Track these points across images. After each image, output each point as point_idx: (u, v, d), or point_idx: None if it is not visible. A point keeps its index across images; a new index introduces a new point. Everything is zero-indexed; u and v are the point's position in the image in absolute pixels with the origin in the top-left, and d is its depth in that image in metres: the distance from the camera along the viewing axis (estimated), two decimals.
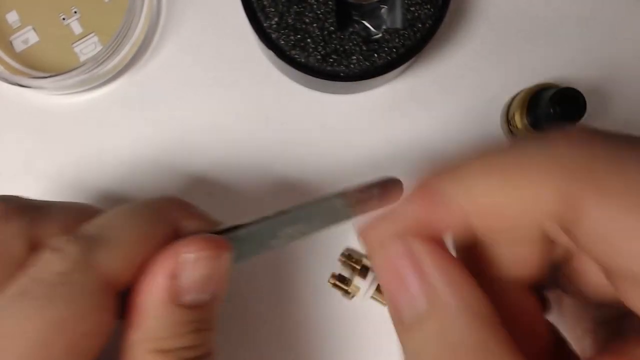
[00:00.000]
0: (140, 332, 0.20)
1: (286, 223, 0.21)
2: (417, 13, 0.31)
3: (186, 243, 0.21)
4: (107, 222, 0.21)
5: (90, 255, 0.19)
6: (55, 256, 0.19)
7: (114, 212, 0.21)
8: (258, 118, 0.35)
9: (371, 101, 0.35)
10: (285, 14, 0.31)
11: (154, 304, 0.20)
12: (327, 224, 0.21)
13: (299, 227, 0.21)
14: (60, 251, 0.19)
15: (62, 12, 0.35)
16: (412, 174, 0.36)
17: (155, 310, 0.20)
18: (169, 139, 0.35)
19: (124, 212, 0.21)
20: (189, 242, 0.21)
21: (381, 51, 0.32)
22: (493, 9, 0.35)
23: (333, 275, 0.34)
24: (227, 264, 0.21)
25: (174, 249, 0.20)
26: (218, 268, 0.21)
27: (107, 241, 0.20)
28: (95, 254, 0.19)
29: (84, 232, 0.20)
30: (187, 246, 0.20)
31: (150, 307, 0.20)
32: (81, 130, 0.35)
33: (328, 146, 0.35)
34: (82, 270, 0.19)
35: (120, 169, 0.35)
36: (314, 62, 0.32)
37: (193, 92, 0.35)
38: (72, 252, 0.19)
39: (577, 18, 0.35)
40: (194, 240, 0.21)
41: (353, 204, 0.21)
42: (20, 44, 0.35)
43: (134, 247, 0.20)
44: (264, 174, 0.35)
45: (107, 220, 0.21)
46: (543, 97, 0.31)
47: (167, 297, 0.20)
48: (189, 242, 0.21)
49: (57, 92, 0.34)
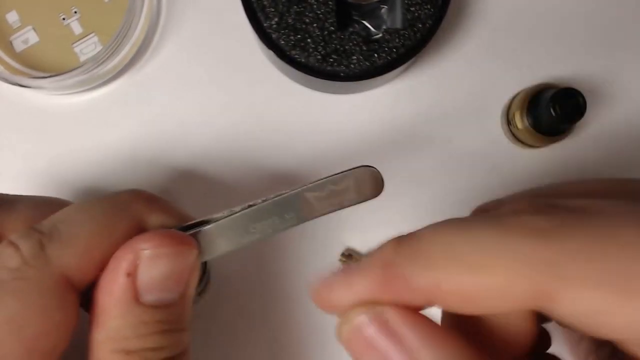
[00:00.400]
0: (103, 332, 0.19)
1: (256, 218, 0.20)
2: (417, 13, 0.31)
3: (144, 238, 0.20)
4: (64, 216, 0.20)
5: (44, 251, 0.19)
6: (9, 251, 0.19)
7: (74, 206, 0.21)
8: (258, 118, 0.35)
9: (371, 101, 0.35)
10: (285, 14, 0.31)
11: (115, 303, 0.19)
12: (302, 219, 0.20)
13: (272, 221, 0.20)
14: (13, 246, 0.19)
15: (62, 12, 0.35)
16: (412, 174, 0.36)
17: (116, 309, 0.19)
18: (169, 139, 0.35)
19: (82, 206, 0.20)
20: (147, 238, 0.20)
21: (381, 51, 0.32)
22: (493, 9, 0.35)
23: None
24: (192, 262, 0.20)
25: (131, 244, 0.20)
26: (181, 266, 0.20)
27: (62, 235, 0.19)
28: (50, 249, 0.19)
29: (39, 227, 0.19)
30: (145, 242, 0.20)
31: (111, 305, 0.19)
32: (81, 130, 0.35)
33: (328, 146, 0.35)
34: (36, 266, 0.18)
35: (120, 169, 0.35)
36: (314, 62, 0.32)
37: (193, 92, 0.35)
38: (25, 247, 0.19)
39: (577, 18, 0.35)
40: (152, 236, 0.20)
41: (328, 197, 0.20)
42: (20, 44, 0.35)
43: (91, 242, 0.19)
44: (264, 173, 0.35)
45: (64, 214, 0.20)
46: (543, 97, 0.31)
47: (127, 296, 0.19)
48: (147, 237, 0.20)
49: (57, 92, 0.34)
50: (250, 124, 0.35)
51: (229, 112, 0.35)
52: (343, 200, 0.20)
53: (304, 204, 0.20)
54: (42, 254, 0.19)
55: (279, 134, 0.35)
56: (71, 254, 0.19)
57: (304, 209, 0.20)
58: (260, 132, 0.35)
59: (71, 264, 0.19)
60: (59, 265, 0.19)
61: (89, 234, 0.19)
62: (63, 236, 0.19)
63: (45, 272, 0.18)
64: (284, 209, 0.20)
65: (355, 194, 0.20)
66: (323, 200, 0.20)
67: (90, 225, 0.20)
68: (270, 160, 0.35)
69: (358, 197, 0.20)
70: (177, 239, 0.20)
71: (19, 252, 0.18)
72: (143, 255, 0.19)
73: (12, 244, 0.19)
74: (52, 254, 0.19)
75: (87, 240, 0.19)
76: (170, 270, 0.20)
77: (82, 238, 0.19)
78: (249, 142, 0.35)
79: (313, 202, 0.20)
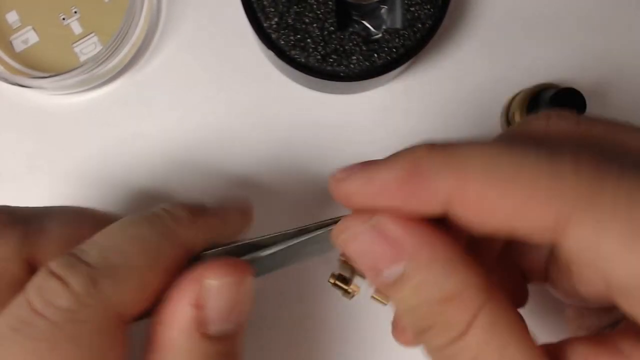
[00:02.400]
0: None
1: (309, 243, 0.21)
2: (417, 13, 0.31)
3: (209, 267, 0.19)
4: (111, 243, 0.19)
5: (97, 288, 0.17)
6: (59, 288, 0.17)
7: (117, 231, 0.19)
8: (258, 118, 0.35)
9: (371, 101, 0.35)
10: (285, 14, 0.31)
11: (179, 336, 0.18)
12: (327, 251, 0.21)
13: (319, 245, 0.21)
14: (62, 282, 0.17)
15: (62, 12, 0.35)
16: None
17: (181, 342, 0.18)
18: (169, 139, 0.35)
19: (126, 232, 0.19)
20: (213, 267, 0.19)
21: (381, 51, 0.32)
22: (493, 9, 0.35)
23: (333, 275, 0.33)
24: (250, 289, 0.20)
25: (197, 275, 0.19)
26: (243, 294, 0.19)
27: (115, 270, 0.18)
28: (104, 285, 0.17)
29: (85, 256, 0.18)
30: (211, 271, 0.19)
31: (174, 339, 0.18)
32: (81, 130, 0.35)
33: (328, 146, 0.35)
34: (90, 306, 0.17)
35: (120, 169, 0.35)
36: (314, 62, 0.32)
37: (193, 92, 0.35)
38: (78, 284, 0.17)
39: (577, 18, 0.35)
40: (218, 265, 0.19)
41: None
42: (20, 44, 0.35)
43: (145, 275, 0.18)
44: (264, 173, 0.35)
45: (111, 241, 0.19)
46: (543, 97, 0.31)
47: (193, 328, 0.18)
48: (212, 267, 0.19)
49: (57, 92, 0.34)
50: (250, 124, 0.35)
51: (228, 112, 0.35)
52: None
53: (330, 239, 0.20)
54: (96, 293, 0.17)
55: (279, 134, 0.35)
56: (127, 290, 0.18)
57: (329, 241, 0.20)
58: (260, 132, 0.35)
59: (126, 300, 0.18)
60: (113, 303, 0.17)
61: (144, 268, 0.18)
62: (117, 271, 0.18)
63: (101, 312, 0.17)
64: (311, 244, 0.21)
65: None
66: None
67: (144, 258, 0.18)
68: (269, 159, 0.35)
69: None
70: (240, 267, 0.20)
71: (70, 289, 0.17)
72: (209, 285, 0.19)
73: (57, 277, 0.17)
74: (107, 291, 0.17)
75: (142, 275, 0.18)
76: (235, 299, 0.19)
77: (137, 273, 0.18)
78: (249, 142, 0.35)
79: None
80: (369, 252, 0.17)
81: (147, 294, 0.18)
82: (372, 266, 0.17)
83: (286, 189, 0.34)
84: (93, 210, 0.23)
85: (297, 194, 0.34)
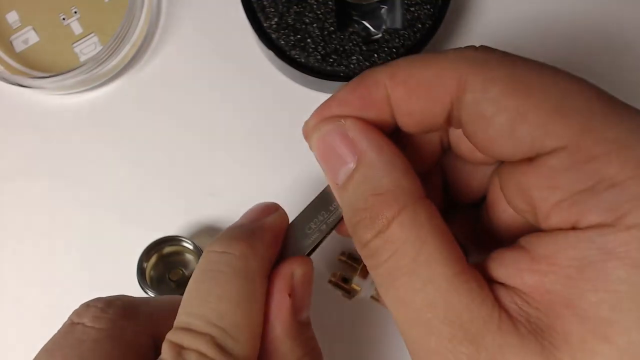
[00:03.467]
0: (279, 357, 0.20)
1: (307, 218, 0.22)
2: (417, 13, 0.31)
3: (292, 261, 0.21)
4: (222, 309, 0.20)
5: (226, 351, 0.19)
6: (195, 357, 0.19)
7: (221, 295, 0.20)
8: (258, 118, 0.35)
9: None
10: (285, 14, 0.31)
11: (282, 328, 0.20)
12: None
13: (322, 216, 0.22)
14: (198, 353, 0.19)
15: (62, 12, 0.35)
16: None
17: (285, 333, 0.20)
18: (169, 139, 0.35)
19: (212, 294, 0.20)
20: (294, 260, 0.21)
21: (381, 51, 0.32)
22: (493, 9, 0.35)
23: (333, 275, 0.34)
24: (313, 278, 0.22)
25: (287, 268, 0.21)
26: (312, 281, 0.22)
27: (237, 338, 0.19)
28: (228, 346, 0.19)
29: (197, 328, 0.19)
30: (294, 264, 0.21)
31: (279, 333, 0.20)
32: (81, 130, 0.35)
33: None
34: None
35: (120, 169, 0.35)
36: (313, 62, 0.32)
37: (193, 92, 0.35)
38: (209, 351, 0.19)
39: (577, 18, 0.35)
40: (294, 258, 0.21)
41: None
42: (20, 44, 0.35)
43: (257, 329, 0.20)
44: (264, 173, 0.35)
45: (217, 305, 0.20)
46: None
47: (292, 317, 0.20)
48: (293, 260, 0.21)
49: (57, 92, 0.34)
50: (250, 124, 0.35)
51: (228, 112, 0.35)
52: None
53: None
54: (226, 355, 0.19)
55: (278, 134, 0.35)
56: (244, 342, 0.19)
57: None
58: (260, 132, 0.35)
59: (248, 351, 0.20)
60: (243, 357, 0.19)
61: (246, 317, 0.20)
62: (237, 338, 0.19)
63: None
64: (326, 202, 0.22)
65: None
66: None
67: (253, 314, 0.20)
68: (269, 159, 0.35)
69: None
70: (305, 259, 0.22)
71: (206, 357, 0.19)
72: (297, 274, 0.21)
73: (201, 354, 0.19)
74: (234, 350, 0.19)
75: (254, 330, 0.20)
76: (310, 286, 0.22)
77: (243, 323, 0.20)
78: (248, 142, 0.35)
79: None
80: (331, 151, 0.19)
81: (257, 333, 0.20)
82: (331, 166, 0.19)
83: (286, 187, 0.34)
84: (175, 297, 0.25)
85: (297, 192, 0.35)
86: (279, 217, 0.22)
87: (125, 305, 0.22)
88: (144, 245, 0.32)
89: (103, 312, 0.21)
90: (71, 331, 0.21)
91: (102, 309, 0.21)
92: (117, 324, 0.21)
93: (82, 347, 0.20)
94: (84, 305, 0.22)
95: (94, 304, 0.22)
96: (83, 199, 0.34)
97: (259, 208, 0.23)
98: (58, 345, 0.21)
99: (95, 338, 0.20)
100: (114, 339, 0.21)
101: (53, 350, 0.20)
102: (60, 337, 0.21)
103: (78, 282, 0.34)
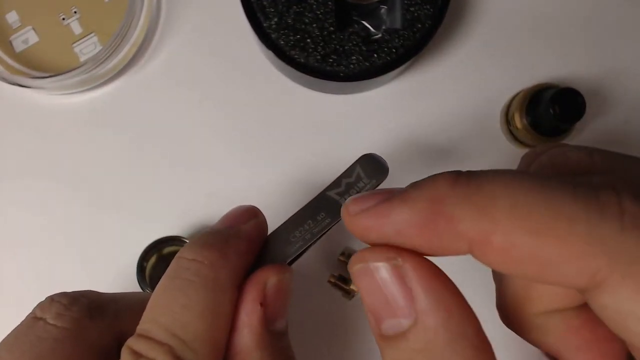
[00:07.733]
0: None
1: (292, 226, 0.22)
2: (417, 13, 0.31)
3: (266, 270, 0.20)
4: (167, 320, 0.19)
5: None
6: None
7: (186, 305, 0.19)
8: (257, 117, 0.35)
9: (371, 101, 0.35)
10: (284, 14, 0.31)
11: (252, 338, 0.19)
12: (333, 216, 0.22)
13: (308, 226, 0.22)
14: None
15: (62, 12, 0.35)
16: (412, 174, 0.36)
17: (255, 343, 0.19)
18: (169, 139, 0.35)
19: (177, 303, 0.19)
20: (269, 269, 0.20)
21: (381, 51, 0.32)
22: (492, 10, 0.35)
23: (333, 275, 0.34)
24: (291, 286, 0.21)
25: (260, 277, 0.20)
26: (289, 290, 0.21)
27: (197, 350, 0.18)
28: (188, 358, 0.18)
29: (156, 337, 0.19)
30: (268, 272, 0.20)
31: (248, 342, 0.19)
32: (81, 130, 0.35)
33: (328, 146, 0.35)
34: None
35: (120, 169, 0.35)
36: (313, 62, 0.32)
37: (192, 92, 0.35)
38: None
39: (576, 18, 0.35)
40: (270, 267, 0.20)
41: (347, 190, 0.22)
42: (20, 44, 0.35)
43: (212, 334, 0.19)
44: (264, 173, 0.35)
45: (180, 315, 0.19)
46: (543, 97, 0.31)
47: (263, 327, 0.19)
48: (268, 268, 0.20)
49: (57, 92, 0.34)
50: (249, 124, 0.35)
51: (228, 112, 0.35)
52: (360, 188, 0.22)
53: (329, 202, 0.22)
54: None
55: (278, 134, 0.35)
56: (205, 355, 0.19)
57: (330, 206, 0.22)
58: (260, 132, 0.35)
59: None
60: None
61: (209, 330, 0.19)
62: (189, 344, 0.18)
63: None
64: (314, 212, 0.22)
65: (367, 178, 0.22)
66: (344, 194, 0.22)
67: (215, 323, 0.19)
68: (269, 159, 0.35)
69: (369, 181, 0.22)
70: (283, 267, 0.21)
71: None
72: (270, 283, 0.20)
73: (145, 357, 0.18)
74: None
75: (211, 336, 0.19)
76: (286, 295, 0.20)
77: (207, 336, 0.19)
78: (248, 142, 0.35)
79: (336, 198, 0.22)
80: (379, 293, 0.16)
81: (220, 345, 0.19)
82: (376, 310, 0.16)
83: (286, 187, 0.34)
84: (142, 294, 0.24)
85: (297, 193, 0.35)
86: (257, 225, 0.21)
87: (90, 304, 0.21)
88: (143, 245, 0.32)
89: (67, 309, 0.20)
90: (32, 326, 0.20)
91: (66, 306, 0.20)
92: (80, 323, 0.20)
93: (42, 346, 0.19)
94: (48, 299, 0.21)
95: (59, 299, 0.21)
96: (83, 198, 0.35)
97: (238, 212, 0.22)
98: (18, 341, 0.20)
99: (56, 337, 0.20)
100: (76, 340, 0.20)
101: (12, 345, 0.20)
102: (21, 332, 0.20)
103: (78, 282, 0.34)
